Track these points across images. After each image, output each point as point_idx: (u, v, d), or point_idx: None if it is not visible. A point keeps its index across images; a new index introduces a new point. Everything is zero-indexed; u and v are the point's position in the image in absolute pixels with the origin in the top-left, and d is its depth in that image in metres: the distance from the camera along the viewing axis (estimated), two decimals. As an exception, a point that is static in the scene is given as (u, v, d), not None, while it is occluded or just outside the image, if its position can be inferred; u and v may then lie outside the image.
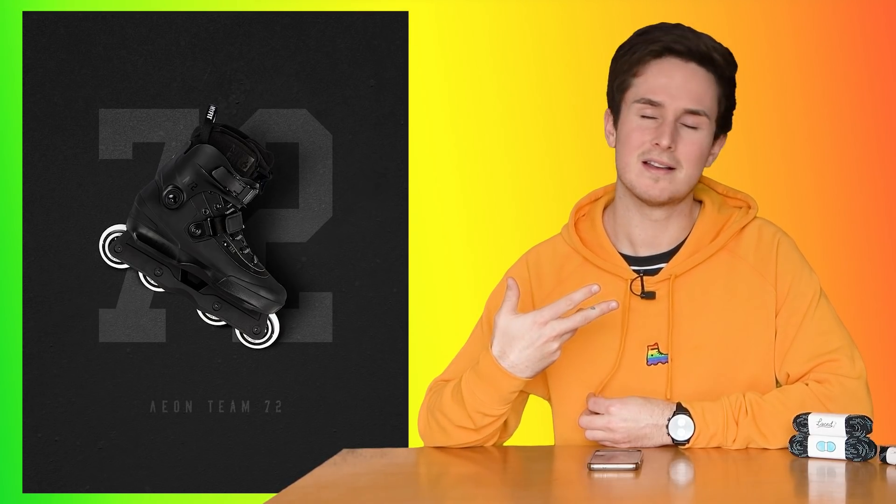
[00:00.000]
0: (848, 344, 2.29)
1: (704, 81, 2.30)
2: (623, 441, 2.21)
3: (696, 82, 2.29)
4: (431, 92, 3.23)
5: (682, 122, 2.29)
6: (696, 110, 2.28)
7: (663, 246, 2.36)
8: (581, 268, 2.38)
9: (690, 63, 2.29)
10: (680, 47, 2.28)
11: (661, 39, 2.29)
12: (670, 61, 2.29)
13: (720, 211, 2.37)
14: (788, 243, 2.36)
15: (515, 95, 3.24)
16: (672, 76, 2.28)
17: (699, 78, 2.29)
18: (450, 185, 3.24)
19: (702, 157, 2.31)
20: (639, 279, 2.33)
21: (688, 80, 2.28)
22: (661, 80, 2.28)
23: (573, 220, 2.43)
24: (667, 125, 2.28)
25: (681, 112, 2.28)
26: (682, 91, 2.28)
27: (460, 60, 3.24)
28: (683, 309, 2.31)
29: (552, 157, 3.23)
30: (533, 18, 3.23)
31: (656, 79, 2.29)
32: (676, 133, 2.28)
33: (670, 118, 2.28)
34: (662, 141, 2.27)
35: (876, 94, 3.22)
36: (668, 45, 2.28)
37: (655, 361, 2.31)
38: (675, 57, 2.29)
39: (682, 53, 2.28)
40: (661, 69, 2.29)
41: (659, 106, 2.28)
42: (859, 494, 1.93)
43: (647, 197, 2.30)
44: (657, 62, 2.29)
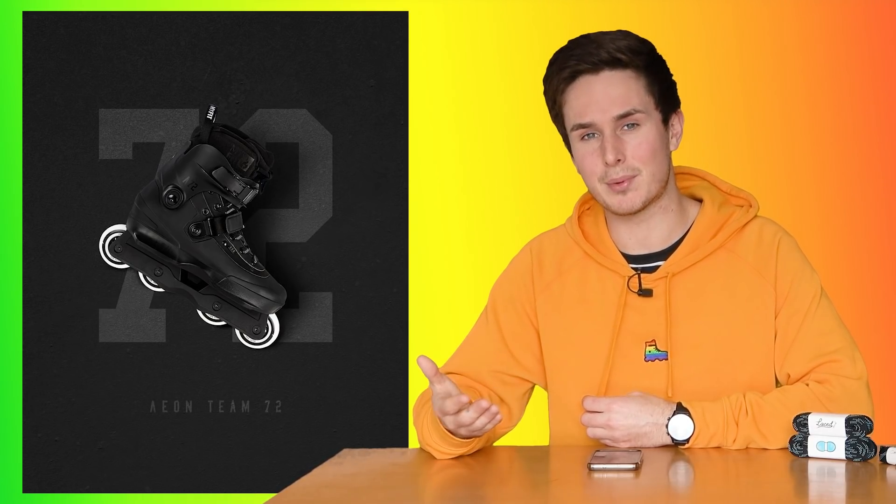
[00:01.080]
0: (849, 344, 2.29)
1: (623, 81, 2.29)
2: (623, 439, 2.21)
3: (614, 87, 2.28)
4: (431, 92, 3.23)
5: (621, 129, 2.29)
6: (627, 111, 2.28)
7: (655, 245, 2.36)
8: (581, 261, 2.39)
9: (602, 72, 2.28)
10: (585, 64, 2.29)
11: (567, 65, 2.30)
12: (582, 80, 2.30)
13: (720, 209, 2.37)
14: (789, 243, 2.35)
15: (516, 95, 3.24)
16: (591, 93, 2.29)
17: (616, 81, 2.29)
18: (450, 185, 3.24)
19: (655, 151, 2.30)
20: (636, 276, 2.33)
21: (606, 88, 2.28)
22: (583, 100, 2.29)
23: (577, 213, 2.43)
24: (606, 141, 2.28)
25: (613, 121, 2.28)
26: (605, 102, 2.28)
27: (460, 60, 3.24)
28: (681, 307, 2.31)
29: (552, 157, 3.23)
30: (533, 18, 3.23)
31: (578, 101, 2.30)
32: (619, 142, 2.28)
33: (607, 131, 2.28)
34: (608, 157, 2.27)
35: (879, 94, 3.22)
36: (574, 69, 2.29)
37: (653, 358, 2.31)
38: (586, 74, 2.29)
39: (590, 68, 2.29)
40: (579, 91, 2.30)
41: (592, 125, 2.29)
42: (859, 494, 1.93)
43: (623, 211, 2.32)
44: (572, 86, 2.30)
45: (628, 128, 2.28)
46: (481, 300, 2.47)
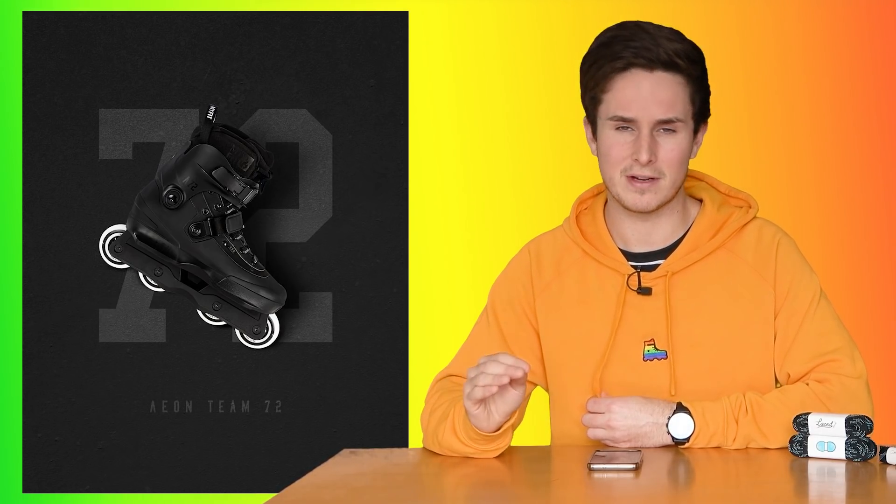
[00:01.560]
0: (848, 344, 2.30)
1: (672, 87, 2.27)
2: (623, 439, 2.21)
3: (664, 90, 2.26)
4: (431, 92, 3.23)
5: (658, 130, 2.28)
6: (670, 118, 2.27)
7: (657, 243, 2.36)
8: (580, 260, 2.39)
9: (656, 72, 2.26)
10: (642, 60, 2.26)
11: (622, 55, 2.26)
12: (635, 73, 2.26)
13: (720, 210, 2.37)
14: (788, 244, 2.36)
15: (516, 95, 3.24)
16: (639, 88, 2.26)
17: (666, 84, 2.27)
18: (450, 185, 3.24)
19: (683, 159, 2.30)
20: (636, 274, 2.33)
21: (655, 89, 2.26)
22: (629, 94, 2.26)
23: (575, 212, 2.43)
24: (643, 139, 2.26)
25: (654, 123, 2.27)
26: (652, 102, 2.26)
27: (460, 60, 3.24)
28: (680, 306, 2.31)
29: (553, 157, 3.23)
30: (533, 17, 3.23)
31: (624, 93, 2.27)
32: (654, 143, 2.27)
33: (645, 131, 2.27)
34: (641, 156, 2.26)
35: (881, 95, 3.22)
36: (630, 61, 2.26)
37: (652, 357, 2.32)
38: (639, 69, 2.26)
39: (645, 64, 2.26)
40: (628, 83, 2.27)
41: (633, 121, 2.27)
42: (859, 494, 1.93)
43: (637, 209, 2.31)
44: (622, 77, 2.27)
45: (665, 132, 2.28)
46: (481, 300, 2.47)
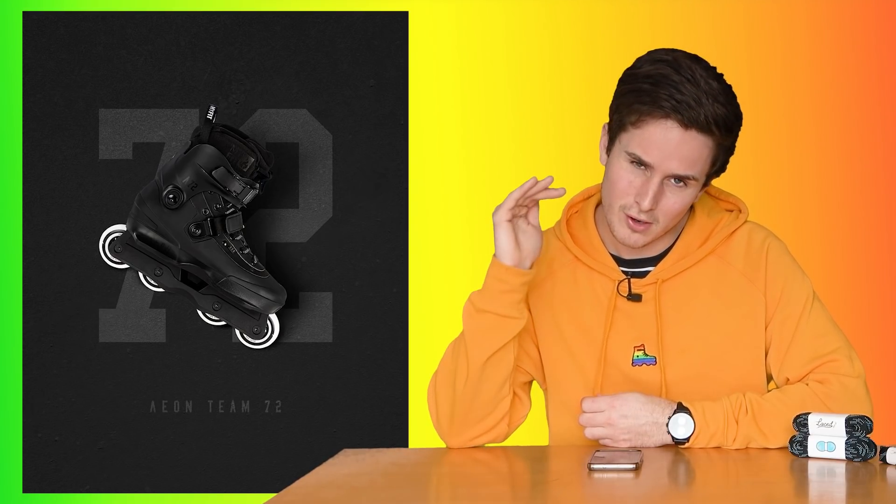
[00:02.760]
0: (845, 344, 2.30)
1: (700, 148, 2.24)
2: (623, 438, 2.22)
3: (690, 148, 2.23)
4: (431, 92, 3.22)
5: (670, 181, 2.26)
6: (686, 175, 2.25)
7: (649, 251, 2.36)
8: (571, 263, 2.39)
9: (690, 130, 2.22)
10: (680, 116, 2.21)
11: (663, 104, 2.21)
12: (670, 125, 2.22)
13: (709, 215, 2.37)
14: (778, 247, 2.35)
15: (516, 95, 3.23)
16: (667, 139, 2.23)
17: (695, 144, 2.23)
18: (450, 185, 3.24)
19: (682, 211, 2.29)
20: (626, 281, 2.34)
21: (682, 145, 2.23)
22: (656, 140, 2.23)
23: (565, 217, 2.43)
24: (651, 187, 2.24)
25: (669, 175, 2.25)
26: (675, 156, 2.23)
27: (460, 60, 3.24)
28: (670, 312, 2.32)
29: (553, 157, 3.23)
30: (533, 18, 3.23)
31: (651, 138, 2.23)
32: (660, 193, 2.25)
33: (656, 180, 2.24)
34: (644, 203, 2.25)
35: (885, 98, 3.22)
36: (668, 113, 2.21)
37: (640, 363, 2.32)
38: (676, 123, 2.22)
39: (682, 121, 2.22)
40: (659, 130, 2.23)
41: (648, 166, 2.25)
42: (859, 494, 1.93)
43: (623, 243, 2.31)
44: (656, 122, 2.23)
45: (675, 183, 2.26)
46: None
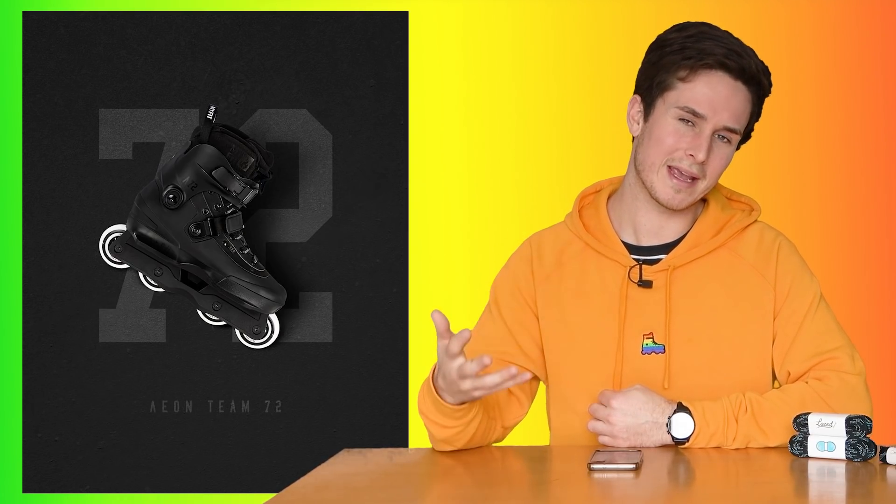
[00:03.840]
0: (848, 344, 2.31)
1: (746, 100, 2.30)
2: (622, 436, 2.22)
3: (739, 101, 2.29)
4: (431, 92, 3.23)
5: (716, 136, 2.30)
6: (735, 128, 2.29)
7: (667, 237, 2.37)
8: (582, 252, 2.39)
9: (738, 81, 2.28)
10: (733, 64, 2.27)
11: (714, 52, 2.27)
12: (721, 76, 2.28)
13: (723, 210, 2.39)
14: (789, 247, 2.38)
15: (517, 94, 3.23)
16: (719, 91, 2.28)
17: (742, 97, 2.29)
18: (450, 185, 3.24)
19: (722, 171, 2.33)
20: (637, 267, 2.34)
21: (732, 97, 2.28)
22: (709, 93, 2.28)
23: (577, 207, 2.44)
24: (704, 139, 2.28)
25: (720, 127, 2.29)
26: (726, 108, 2.28)
27: (460, 60, 3.24)
28: (680, 300, 2.32)
29: (553, 156, 3.23)
30: (532, 17, 3.23)
31: (704, 90, 2.28)
32: (711, 146, 2.29)
33: (708, 132, 2.28)
34: (699, 155, 2.28)
35: (888, 99, 3.22)
36: (721, 61, 2.27)
37: (650, 351, 2.32)
38: (727, 73, 2.28)
39: (733, 71, 2.28)
40: (711, 82, 2.28)
41: (701, 118, 2.28)
42: (859, 494, 1.93)
43: (666, 204, 2.32)
44: (707, 74, 2.28)
45: (721, 139, 2.30)
46: (481, 300, 2.47)
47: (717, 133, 2.29)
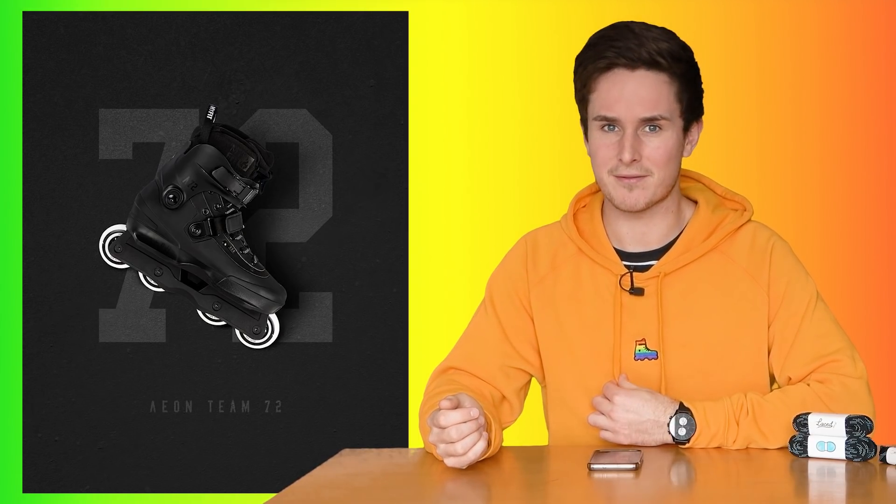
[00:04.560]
0: (848, 345, 2.30)
1: (656, 85, 2.28)
2: (623, 431, 2.22)
3: (647, 88, 2.27)
4: (431, 92, 3.23)
5: (643, 129, 2.28)
6: (653, 116, 2.27)
7: (653, 243, 2.37)
8: (575, 257, 2.40)
9: (638, 70, 2.27)
10: (623, 59, 2.26)
11: (605, 55, 2.27)
12: (617, 73, 2.27)
13: (714, 212, 2.38)
14: (783, 247, 2.36)
15: (516, 94, 3.24)
16: (622, 88, 2.27)
17: (649, 83, 2.27)
18: (450, 185, 3.24)
19: (671, 157, 2.30)
20: (628, 275, 2.34)
21: (638, 88, 2.27)
22: (613, 94, 2.28)
23: (573, 209, 2.44)
24: (626, 139, 2.27)
25: (637, 121, 2.27)
26: (635, 100, 2.27)
27: (460, 60, 3.24)
28: (672, 306, 2.32)
29: (554, 157, 3.23)
30: (533, 17, 3.23)
31: (608, 93, 2.28)
32: (638, 142, 2.28)
33: (629, 130, 2.27)
34: (624, 156, 2.27)
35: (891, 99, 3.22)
36: (612, 61, 2.27)
37: (643, 357, 2.32)
38: (622, 68, 2.27)
39: (627, 64, 2.26)
40: (611, 83, 2.28)
41: (616, 120, 2.28)
42: (859, 494, 1.93)
43: (626, 207, 2.32)
44: (605, 77, 2.28)
45: (650, 130, 2.28)
46: (481, 300, 2.47)
47: (642, 127, 2.27)
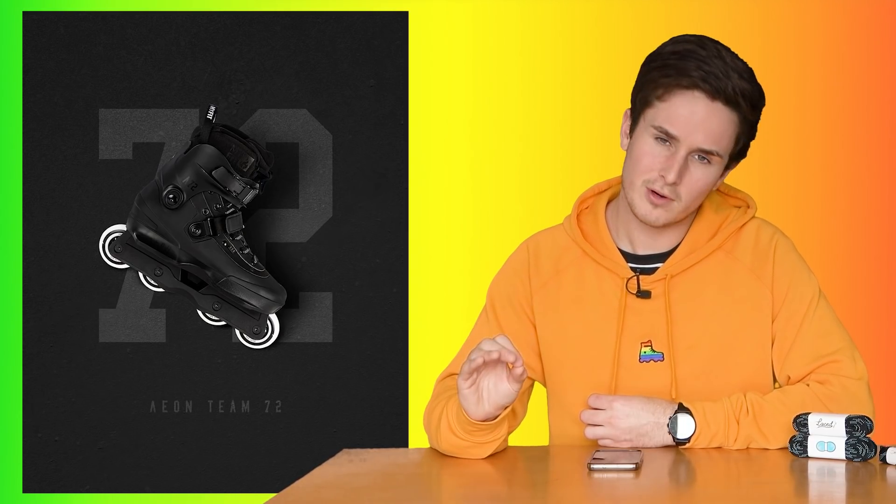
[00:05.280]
0: (849, 345, 2.29)
1: (726, 122, 2.25)
2: (624, 437, 2.21)
3: (717, 121, 2.24)
4: (431, 92, 3.23)
5: (693, 157, 2.26)
6: (711, 150, 2.25)
7: (662, 247, 2.36)
8: (579, 260, 2.38)
9: (716, 102, 2.23)
10: (709, 86, 2.22)
11: (692, 73, 2.23)
12: (696, 96, 2.23)
13: (717, 211, 2.37)
14: (786, 245, 2.35)
15: (515, 95, 3.23)
16: (694, 112, 2.23)
17: (721, 118, 2.24)
18: (450, 185, 3.24)
19: (705, 191, 2.29)
20: (635, 278, 2.33)
21: (708, 118, 2.23)
22: (683, 113, 2.23)
23: (576, 211, 2.43)
24: (676, 161, 2.24)
25: (695, 149, 2.25)
26: (701, 129, 2.23)
27: (460, 60, 3.24)
28: (678, 308, 2.31)
29: (553, 156, 3.23)
30: (532, 17, 3.23)
31: (679, 110, 2.24)
32: (685, 168, 2.25)
33: (682, 153, 2.24)
34: (669, 176, 2.24)
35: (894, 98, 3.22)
36: (696, 82, 2.23)
37: (648, 359, 2.32)
38: (703, 94, 2.23)
39: (710, 92, 2.23)
40: (686, 102, 2.24)
41: (675, 138, 2.25)
42: (859, 494, 1.93)
43: (644, 221, 2.30)
44: (683, 94, 2.24)
45: (699, 159, 2.26)
46: (481, 300, 2.47)
47: (694, 154, 2.25)
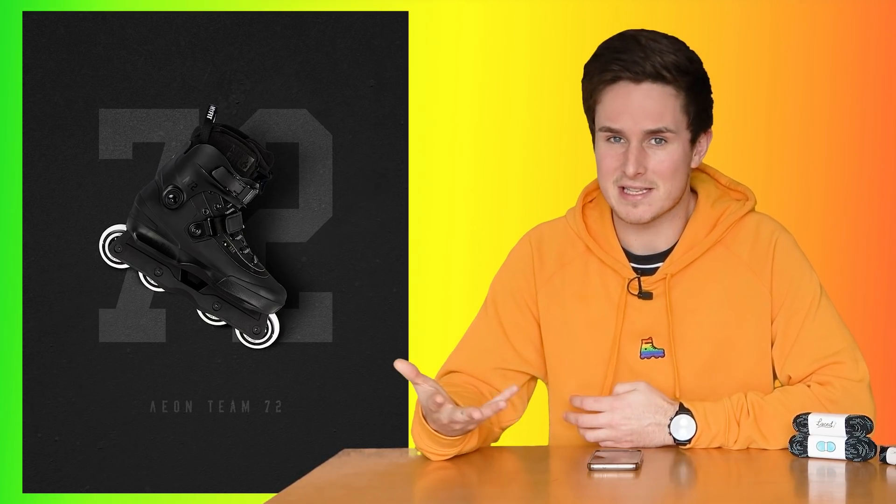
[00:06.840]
0: (850, 346, 2.28)
1: (661, 97, 2.25)
2: (625, 439, 2.21)
3: (651, 101, 2.25)
4: (431, 92, 3.23)
5: (648, 142, 2.26)
6: (658, 129, 2.25)
7: (661, 246, 2.35)
8: (583, 255, 2.37)
9: (643, 83, 2.25)
10: (629, 73, 2.25)
11: (611, 68, 2.26)
12: (622, 86, 2.25)
13: (714, 205, 2.35)
14: (786, 241, 2.34)
15: (515, 95, 3.23)
16: (627, 100, 2.25)
17: (653, 96, 2.25)
18: (449, 185, 3.24)
19: (676, 170, 2.28)
20: (636, 280, 2.32)
21: (643, 101, 2.25)
22: (618, 106, 2.26)
23: (581, 204, 2.41)
24: (631, 152, 2.25)
25: (642, 134, 2.25)
26: (640, 113, 2.24)
27: (460, 60, 3.24)
28: (679, 305, 2.31)
29: (553, 156, 3.23)
30: (532, 18, 3.23)
31: (613, 105, 2.26)
32: (643, 155, 2.25)
33: (634, 143, 2.25)
34: (628, 169, 2.25)
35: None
36: (617, 74, 2.25)
37: (649, 355, 2.31)
38: (627, 81, 2.25)
39: (632, 77, 2.25)
40: (616, 95, 2.26)
41: (620, 132, 2.26)
42: (859, 494, 1.93)
43: (630, 221, 2.30)
44: (611, 89, 2.26)
45: (656, 142, 2.26)
46: (481, 300, 2.46)
47: (647, 140, 2.26)
